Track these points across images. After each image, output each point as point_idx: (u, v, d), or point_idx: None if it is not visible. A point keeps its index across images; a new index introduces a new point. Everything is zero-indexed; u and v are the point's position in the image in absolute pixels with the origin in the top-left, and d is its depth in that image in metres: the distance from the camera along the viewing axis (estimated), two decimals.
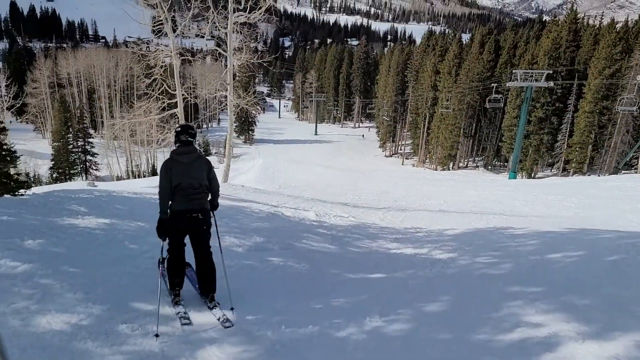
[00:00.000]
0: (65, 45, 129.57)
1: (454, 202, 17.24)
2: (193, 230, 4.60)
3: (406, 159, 61.61)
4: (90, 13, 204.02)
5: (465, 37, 63.35)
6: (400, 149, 69.24)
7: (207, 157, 5.02)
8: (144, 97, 18.02)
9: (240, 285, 5.06)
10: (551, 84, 35.08)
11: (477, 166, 51.55)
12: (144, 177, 52.54)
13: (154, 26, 17.09)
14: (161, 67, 15.12)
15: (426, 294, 5.25)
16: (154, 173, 54.64)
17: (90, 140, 55.32)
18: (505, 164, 51.00)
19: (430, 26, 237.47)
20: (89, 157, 54.74)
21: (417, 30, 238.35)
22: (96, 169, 55.45)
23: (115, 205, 8.68)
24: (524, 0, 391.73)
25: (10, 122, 74.46)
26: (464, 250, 7.36)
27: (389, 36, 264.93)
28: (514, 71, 36.90)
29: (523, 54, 46.59)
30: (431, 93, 53.29)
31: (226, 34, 15.85)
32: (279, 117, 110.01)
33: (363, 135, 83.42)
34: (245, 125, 77.36)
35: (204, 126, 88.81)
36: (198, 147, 6.00)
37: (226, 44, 16.73)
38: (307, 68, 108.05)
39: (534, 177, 42.01)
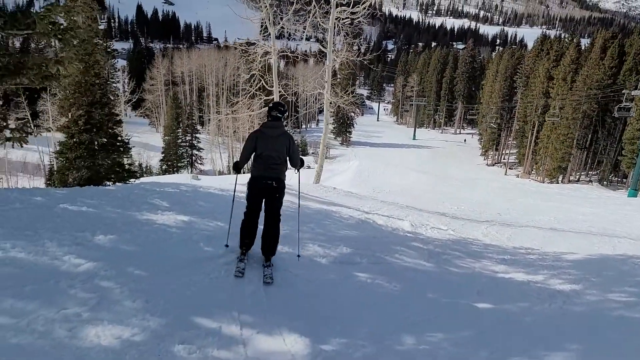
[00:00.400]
0: (181, 45, 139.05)
1: (566, 220, 15.71)
2: (267, 196, 5.14)
3: (510, 168, 58.26)
4: (205, 16, 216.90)
5: (584, 42, 58.42)
6: (504, 158, 65.66)
7: (291, 134, 5.44)
8: (243, 94, 18.41)
9: (319, 305, 4.56)
10: None
11: (591, 181, 47.26)
12: (243, 173, 54.51)
13: (261, 27, 17.32)
14: (260, 62, 15.10)
15: (548, 339, 4.18)
16: None
17: (197, 135, 58.57)
18: (624, 180, 46.31)
19: (545, 30, 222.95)
20: (195, 152, 57.98)
21: (529, 34, 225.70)
22: (201, 163, 58.59)
23: (198, 202, 8.29)
24: None
25: (129, 115, 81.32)
26: (590, 282, 6.04)
27: (497, 40, 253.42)
28: None
29: None
30: (542, 100, 49.79)
31: (327, 30, 15.47)
32: (377, 120, 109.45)
33: (465, 140, 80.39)
34: (342, 127, 77.65)
35: (303, 126, 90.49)
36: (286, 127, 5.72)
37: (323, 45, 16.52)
38: (409, 71, 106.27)
39: None
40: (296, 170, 5.56)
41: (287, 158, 5.19)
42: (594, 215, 17.61)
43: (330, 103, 16.07)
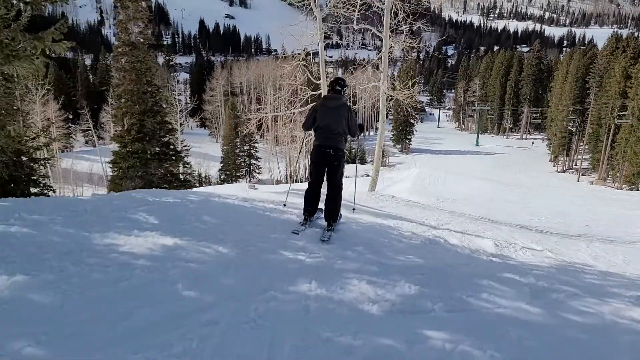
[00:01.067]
0: (240, 57, 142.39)
1: None
2: (327, 164, 5.49)
3: (582, 175, 54.61)
4: (265, 29, 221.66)
5: None
6: (576, 164, 61.78)
7: (349, 105, 5.71)
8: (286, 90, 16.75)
9: None
10: None
11: None
12: (301, 181, 54.40)
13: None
14: (304, 52, 13.85)
15: None
16: None
17: (255, 144, 59.02)
18: None
19: (616, 29, 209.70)
20: (252, 161, 58.44)
21: (598, 35, 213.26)
22: (259, 172, 58.95)
23: (201, 217, 5.68)
24: None
25: (190, 126, 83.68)
26: None
27: (565, 41, 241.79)
28: None
29: None
30: (619, 101, 46.26)
31: (382, 13, 14.09)
32: (438, 127, 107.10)
33: (532, 143, 76.78)
34: (402, 134, 76.18)
35: (361, 134, 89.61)
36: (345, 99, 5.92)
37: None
38: (470, 76, 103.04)
39: None
40: (356, 137, 5.94)
41: (347, 129, 5.55)
42: None
43: (388, 98, 14.51)
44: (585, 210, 21.47)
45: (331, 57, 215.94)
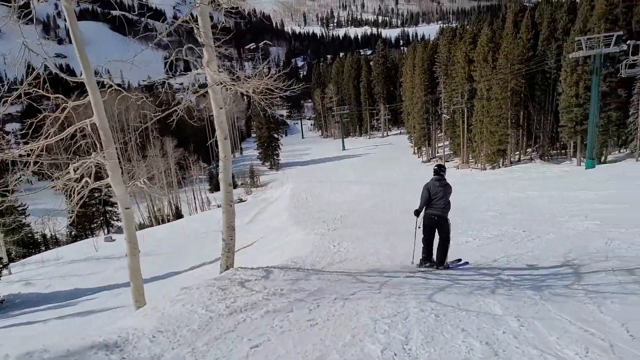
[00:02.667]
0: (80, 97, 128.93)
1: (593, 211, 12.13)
2: (436, 225, 7.75)
3: (446, 161, 56.17)
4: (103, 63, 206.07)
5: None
6: (437, 152, 63.89)
7: (449, 185, 7.82)
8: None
9: None
10: (624, 46, 29.35)
11: (532, 158, 45.68)
12: (168, 221, 48.71)
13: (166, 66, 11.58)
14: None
15: None
16: (178, 216, 50.82)
17: (108, 188, 51.83)
18: (563, 152, 45.11)
19: (442, 25, 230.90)
20: (108, 208, 51.20)
21: (428, 31, 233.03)
22: (117, 219, 51.83)
23: None
24: None
25: (30, 181, 72.34)
26: None
27: (401, 41, 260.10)
28: (576, 39, 31.05)
29: (566, 26, 41.07)
30: (467, 85, 47.99)
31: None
32: (303, 138, 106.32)
33: (391, 144, 78.88)
34: (268, 151, 73.23)
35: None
36: None
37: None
38: (324, 83, 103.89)
39: (605, 162, 36.13)
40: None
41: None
42: (599, 198, 14.30)
43: (228, 92, 8.62)
44: (475, 197, 20.00)
45: (181, 83, 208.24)
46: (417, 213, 7.72)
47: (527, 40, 43.18)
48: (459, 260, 8.00)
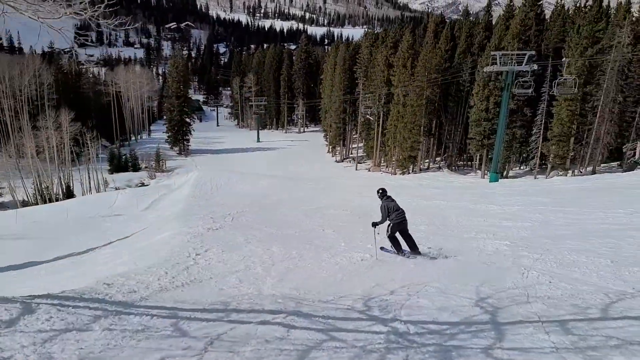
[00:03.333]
0: None
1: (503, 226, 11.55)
2: (404, 225, 9.89)
3: (359, 163, 56.31)
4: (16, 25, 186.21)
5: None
6: (351, 153, 64.03)
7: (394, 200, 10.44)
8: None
9: None
10: (535, 66, 30.35)
11: (440, 167, 46.79)
12: (57, 200, 44.18)
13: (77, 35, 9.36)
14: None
15: None
16: (68, 195, 46.26)
17: None
18: (469, 163, 46.64)
19: (366, 29, 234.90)
20: None
21: (353, 33, 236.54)
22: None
23: None
24: (450, 4, 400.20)
25: None
26: None
27: (326, 39, 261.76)
28: (492, 53, 31.78)
29: (482, 42, 42.38)
30: (384, 89, 48.15)
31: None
32: (218, 125, 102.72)
33: (307, 140, 78.11)
34: (179, 135, 69.42)
35: (132, 138, 79.95)
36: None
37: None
38: (244, 72, 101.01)
39: (506, 177, 37.59)
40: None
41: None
42: (505, 214, 13.99)
43: None
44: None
45: (92, 55, 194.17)
46: (374, 225, 10.05)
47: (445, 51, 44.10)
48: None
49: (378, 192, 10.42)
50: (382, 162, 52.73)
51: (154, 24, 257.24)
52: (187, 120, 70.85)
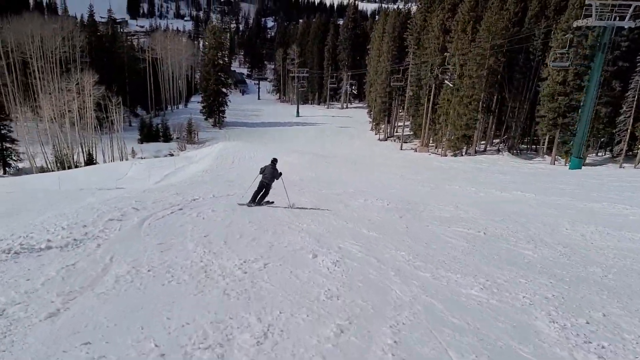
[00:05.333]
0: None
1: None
2: (263, 187, 12.05)
3: (404, 142, 50.49)
4: None
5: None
6: (396, 131, 58.15)
7: (277, 170, 12.38)
8: None
9: None
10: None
11: (499, 150, 40.39)
12: (76, 167, 40.93)
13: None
14: None
15: None
16: (89, 162, 42.97)
17: (7, 123, 43.08)
18: (534, 147, 40.12)
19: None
20: (6, 144, 42.61)
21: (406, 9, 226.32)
22: (17, 159, 43.35)
23: None
24: None
25: None
26: None
27: (376, 16, 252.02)
28: (587, 2, 25.07)
29: (560, 3, 35.50)
30: (438, 58, 41.97)
31: None
32: (259, 99, 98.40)
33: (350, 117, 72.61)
34: (214, 106, 65.32)
35: (168, 108, 76.66)
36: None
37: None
38: (288, 43, 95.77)
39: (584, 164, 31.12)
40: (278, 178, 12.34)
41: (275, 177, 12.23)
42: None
43: None
44: (448, 193, 14.04)
45: (142, 26, 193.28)
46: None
47: (514, 13, 37.39)
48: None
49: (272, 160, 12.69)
50: (431, 142, 46.83)
51: None
52: (224, 90, 66.55)
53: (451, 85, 35.47)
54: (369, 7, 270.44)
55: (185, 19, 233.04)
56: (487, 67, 36.67)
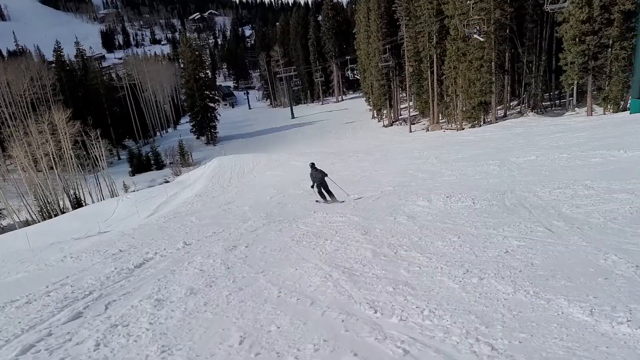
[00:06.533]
0: None
1: None
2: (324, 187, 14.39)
3: (412, 124, 46.40)
4: (34, 39, 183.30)
5: None
6: (401, 114, 54.11)
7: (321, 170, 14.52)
8: None
9: None
10: None
11: (520, 111, 36.20)
12: (64, 213, 37.10)
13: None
14: None
15: None
16: (79, 205, 39.14)
17: None
18: (557, 102, 35.98)
19: None
20: None
21: None
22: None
23: None
24: None
25: None
26: None
27: (353, 6, 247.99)
28: None
29: None
30: (436, 24, 37.89)
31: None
32: (250, 109, 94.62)
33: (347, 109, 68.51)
34: (204, 122, 61.55)
35: (157, 134, 72.91)
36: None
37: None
38: (269, 46, 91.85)
39: (622, 111, 26.96)
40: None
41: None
42: None
43: None
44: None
45: (120, 58, 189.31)
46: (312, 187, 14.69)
47: None
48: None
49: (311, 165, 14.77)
50: (441, 117, 42.75)
51: (178, 17, 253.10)
52: (211, 105, 62.71)
53: (481, 39, 31.01)
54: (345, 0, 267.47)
55: (162, 42, 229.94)
56: (494, 22, 32.51)
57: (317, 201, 14.24)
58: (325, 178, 14.22)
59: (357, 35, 58.93)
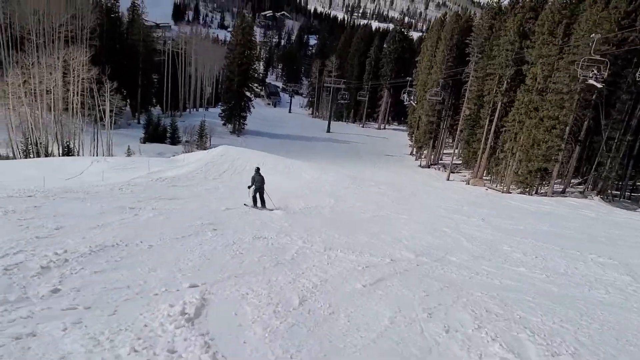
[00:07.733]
0: None
1: None
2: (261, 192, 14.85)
3: (452, 172, 41.19)
4: None
5: None
6: (442, 159, 48.90)
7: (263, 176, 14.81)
8: None
9: None
10: None
11: (583, 192, 30.50)
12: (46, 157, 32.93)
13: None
14: None
15: None
16: (67, 155, 35.03)
17: None
18: (632, 194, 30.29)
19: None
20: None
21: None
22: None
23: None
24: None
25: None
26: None
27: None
28: None
29: None
30: (511, 68, 32.84)
31: None
32: (290, 112, 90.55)
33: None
34: (235, 111, 57.40)
35: (187, 109, 69.20)
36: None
37: None
38: (327, 55, 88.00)
39: None
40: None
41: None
42: None
43: None
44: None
45: (185, 32, 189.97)
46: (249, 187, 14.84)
47: (624, 13, 28.05)
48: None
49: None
50: (486, 174, 37.45)
51: (251, 9, 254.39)
52: (247, 94, 58.71)
53: (599, 85, 25.40)
54: (414, 35, 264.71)
55: (229, 30, 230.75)
56: (580, 80, 27.26)
57: (245, 204, 14.47)
58: (264, 186, 14.72)
59: (418, 64, 54.22)
